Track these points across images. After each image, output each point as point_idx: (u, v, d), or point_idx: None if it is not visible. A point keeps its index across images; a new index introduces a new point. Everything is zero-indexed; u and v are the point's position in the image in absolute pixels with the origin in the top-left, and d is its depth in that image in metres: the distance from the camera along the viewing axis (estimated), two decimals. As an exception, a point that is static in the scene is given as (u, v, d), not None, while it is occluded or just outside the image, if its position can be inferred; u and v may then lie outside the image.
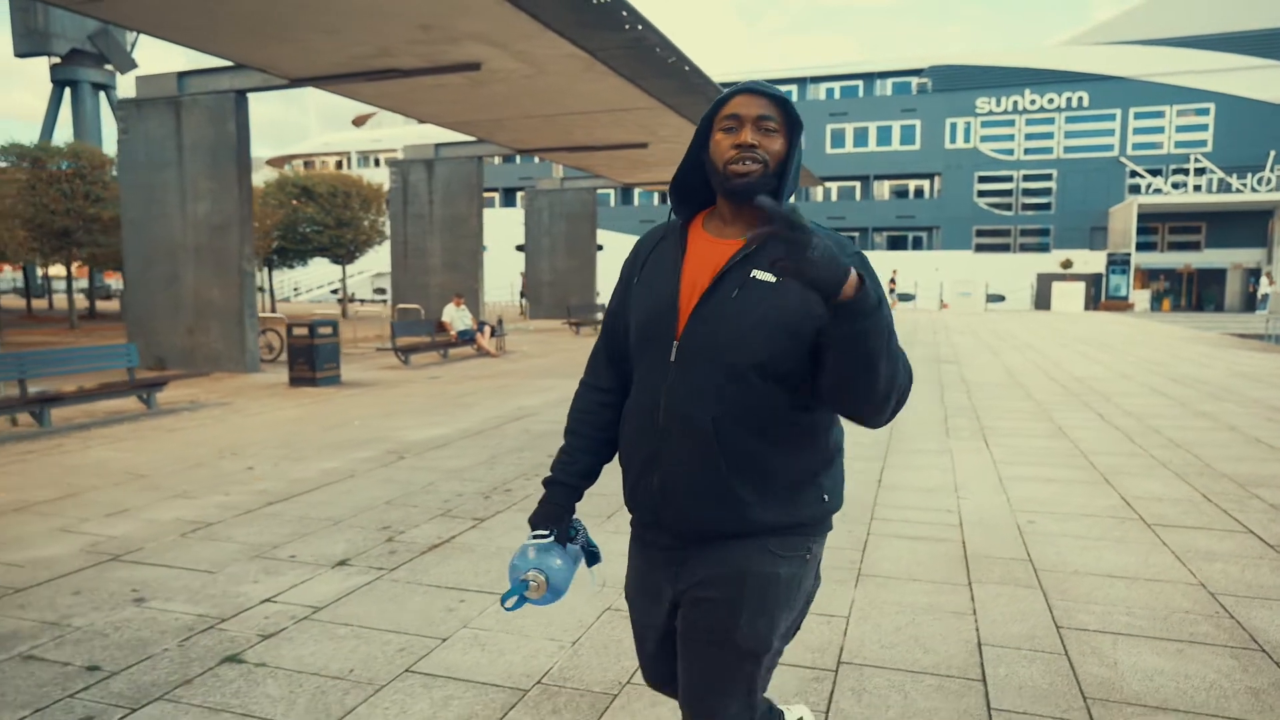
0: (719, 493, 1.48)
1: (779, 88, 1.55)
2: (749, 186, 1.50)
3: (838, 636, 3.30)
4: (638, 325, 1.60)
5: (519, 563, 1.66)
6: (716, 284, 1.50)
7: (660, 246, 1.64)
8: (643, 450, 1.55)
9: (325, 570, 4.08)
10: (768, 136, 1.51)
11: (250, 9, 9.20)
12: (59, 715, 2.71)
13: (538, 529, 1.69)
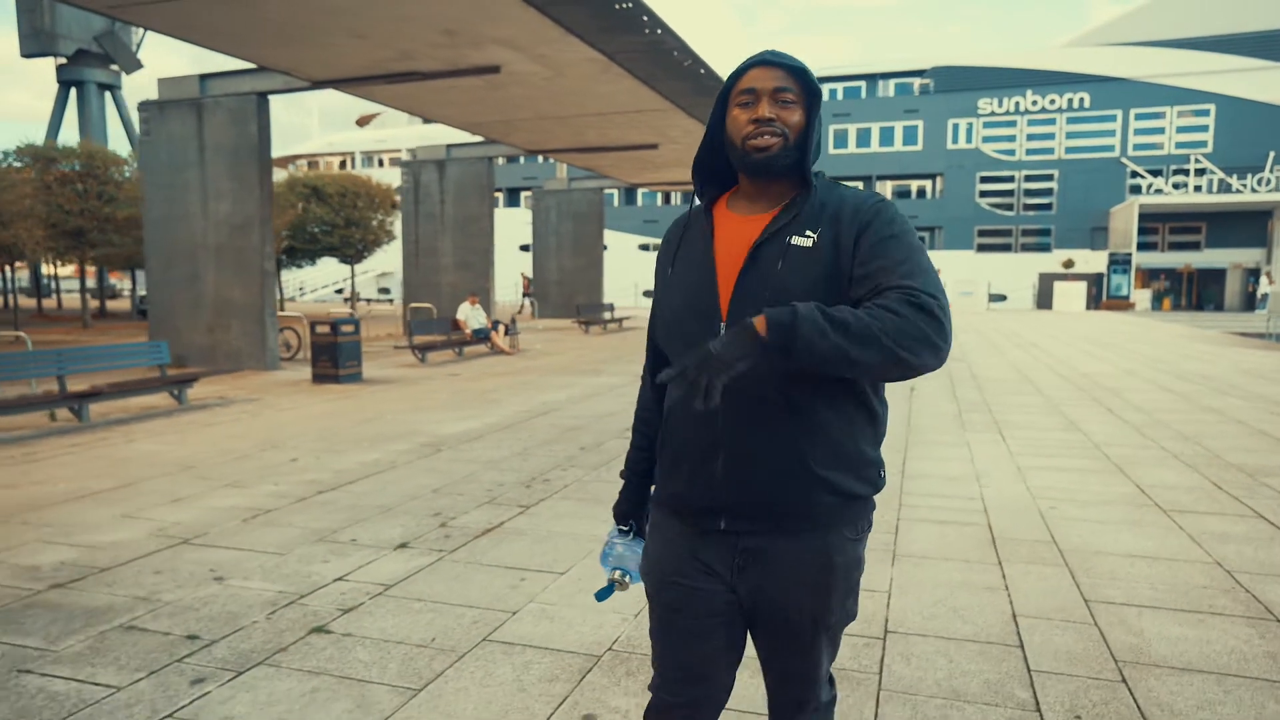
0: (792, 468, 1.46)
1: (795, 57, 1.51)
2: (769, 161, 1.47)
3: (881, 609, 3.54)
4: (675, 311, 1.57)
5: (606, 557, 1.76)
6: (754, 257, 1.47)
7: (688, 233, 1.61)
8: (702, 438, 1.50)
9: (388, 552, 4.31)
10: (786, 109, 1.47)
11: (285, 15, 9.44)
12: (173, 677, 2.94)
13: (619, 523, 1.77)
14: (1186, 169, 42.19)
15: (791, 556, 1.51)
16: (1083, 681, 2.88)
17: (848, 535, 1.54)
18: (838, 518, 1.51)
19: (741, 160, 1.50)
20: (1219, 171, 40.90)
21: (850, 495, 1.51)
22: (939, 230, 47.22)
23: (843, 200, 1.48)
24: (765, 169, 1.48)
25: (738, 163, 1.52)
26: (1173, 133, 42.77)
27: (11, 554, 4.26)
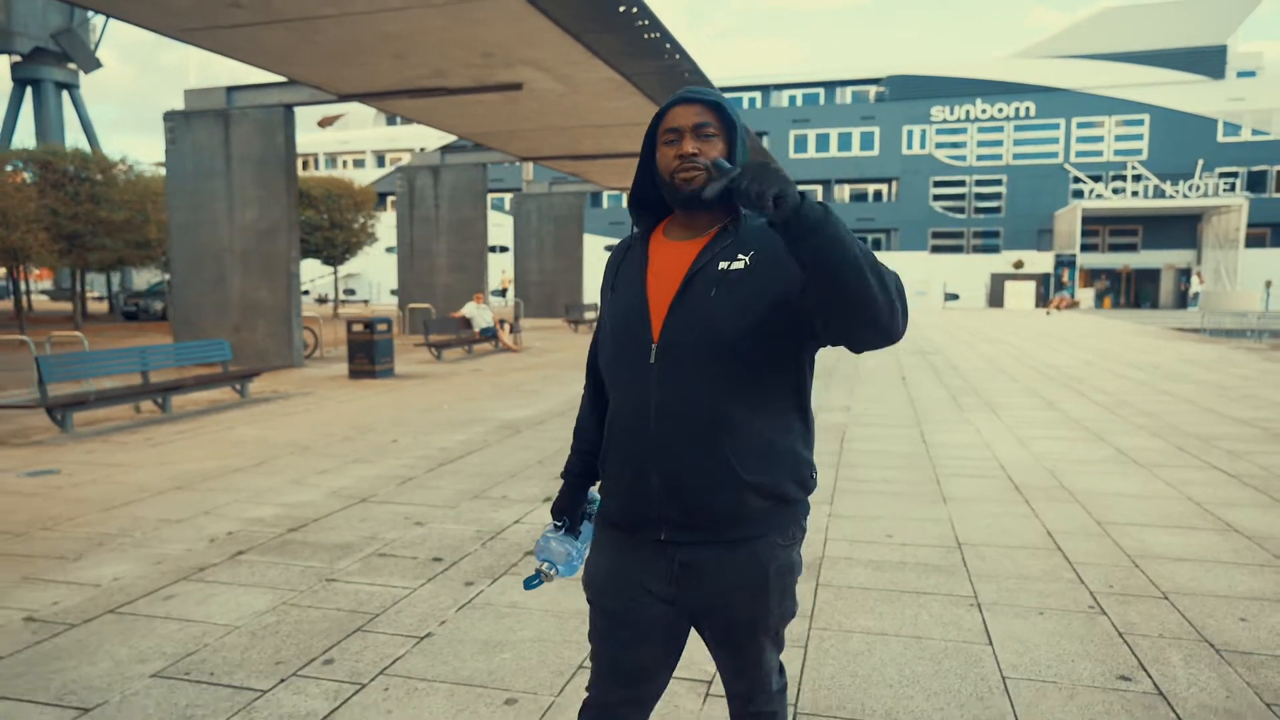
0: (722, 478, 1.53)
1: (718, 91, 1.63)
2: (697, 194, 1.54)
3: (949, 531, 4.66)
4: (612, 332, 1.66)
5: (539, 549, 1.82)
6: (688, 283, 1.55)
7: (627, 258, 1.70)
8: (636, 451, 1.59)
9: (539, 504, 5.29)
10: (707, 142, 1.55)
11: (338, 39, 10.26)
12: (446, 582, 3.90)
13: (554, 518, 1.83)
14: (1124, 175, 44.82)
15: (727, 566, 1.58)
16: (1108, 567, 4.04)
17: (779, 542, 1.61)
18: (769, 525, 1.59)
19: (671, 194, 1.58)
20: (1154, 178, 43.56)
21: (782, 499, 1.58)
22: (894, 232, 49.22)
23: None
24: (693, 201, 1.55)
25: (668, 196, 1.60)
26: (1111, 141, 45.36)
27: (229, 510, 5.14)
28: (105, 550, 4.39)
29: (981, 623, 3.42)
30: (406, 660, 3.08)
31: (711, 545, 1.57)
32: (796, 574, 1.67)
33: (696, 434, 1.53)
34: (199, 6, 9.09)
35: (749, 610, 1.61)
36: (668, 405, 1.54)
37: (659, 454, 1.55)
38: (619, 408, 1.63)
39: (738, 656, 1.68)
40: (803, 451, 1.61)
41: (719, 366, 1.52)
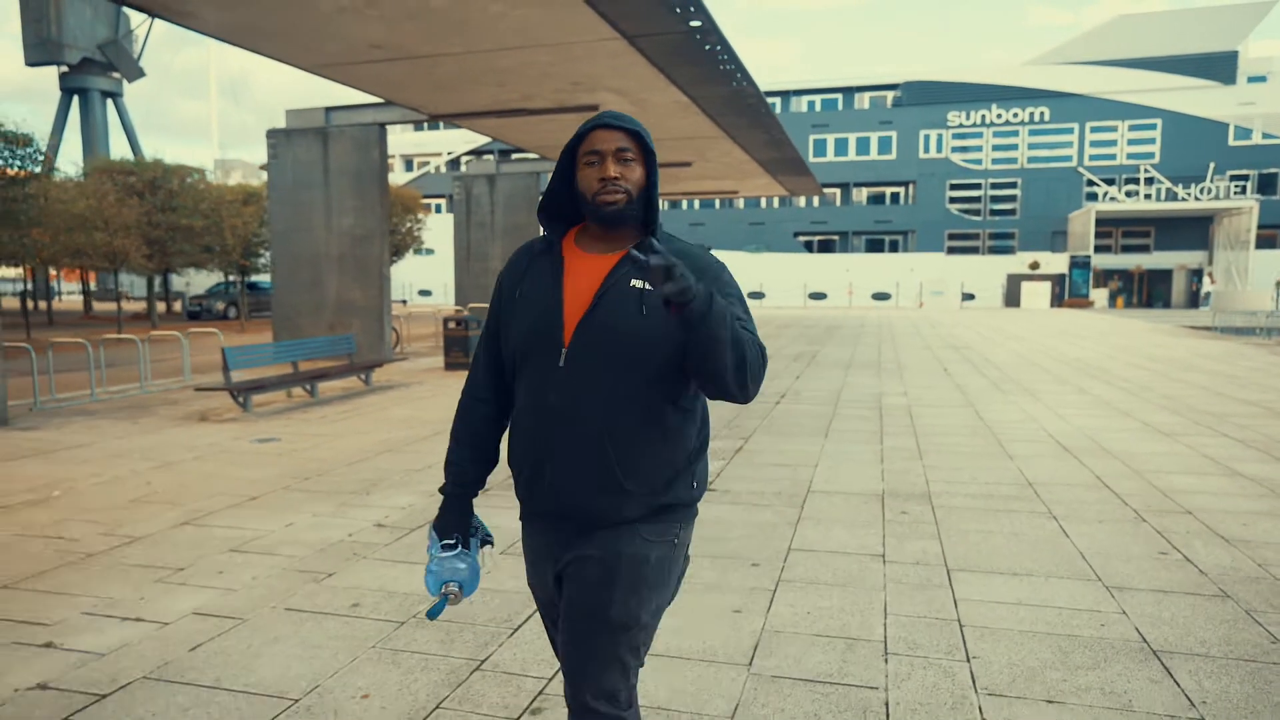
0: (605, 483, 1.62)
1: (636, 120, 1.72)
2: (618, 214, 1.66)
3: (1019, 475, 6.06)
4: (523, 335, 1.71)
5: (434, 573, 1.78)
6: (601, 295, 1.64)
7: (537, 262, 1.76)
8: (536, 449, 1.67)
9: (689, 459, 6.71)
10: (627, 166, 1.66)
11: (453, 73, 11.69)
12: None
13: (444, 538, 1.80)
14: (1137, 178, 46.00)
15: (584, 550, 1.67)
16: (1145, 496, 5.44)
17: (644, 535, 1.66)
18: (639, 518, 1.66)
19: (593, 213, 1.67)
20: (1166, 181, 44.74)
21: (660, 506, 1.66)
22: (911, 234, 50.49)
23: (685, 253, 1.69)
24: (614, 220, 1.66)
25: (590, 214, 1.69)
26: (1124, 145, 46.55)
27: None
28: (386, 488, 5.84)
29: (1059, 526, 4.83)
30: (669, 544, 4.52)
31: (584, 533, 1.68)
32: (655, 576, 1.68)
33: (587, 439, 1.62)
34: (345, 49, 10.54)
35: (592, 593, 1.65)
36: (565, 409, 1.63)
37: (552, 453, 1.65)
38: (524, 405, 1.71)
39: (571, 647, 1.69)
40: (689, 463, 1.70)
41: (620, 377, 1.61)
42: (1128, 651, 3.21)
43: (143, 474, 6.36)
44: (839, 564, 4.23)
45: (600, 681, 1.66)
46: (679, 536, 1.72)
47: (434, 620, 1.80)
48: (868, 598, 3.77)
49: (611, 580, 1.64)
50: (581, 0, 8.76)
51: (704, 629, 3.44)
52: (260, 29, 9.81)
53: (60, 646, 3.34)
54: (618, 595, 1.64)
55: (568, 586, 1.70)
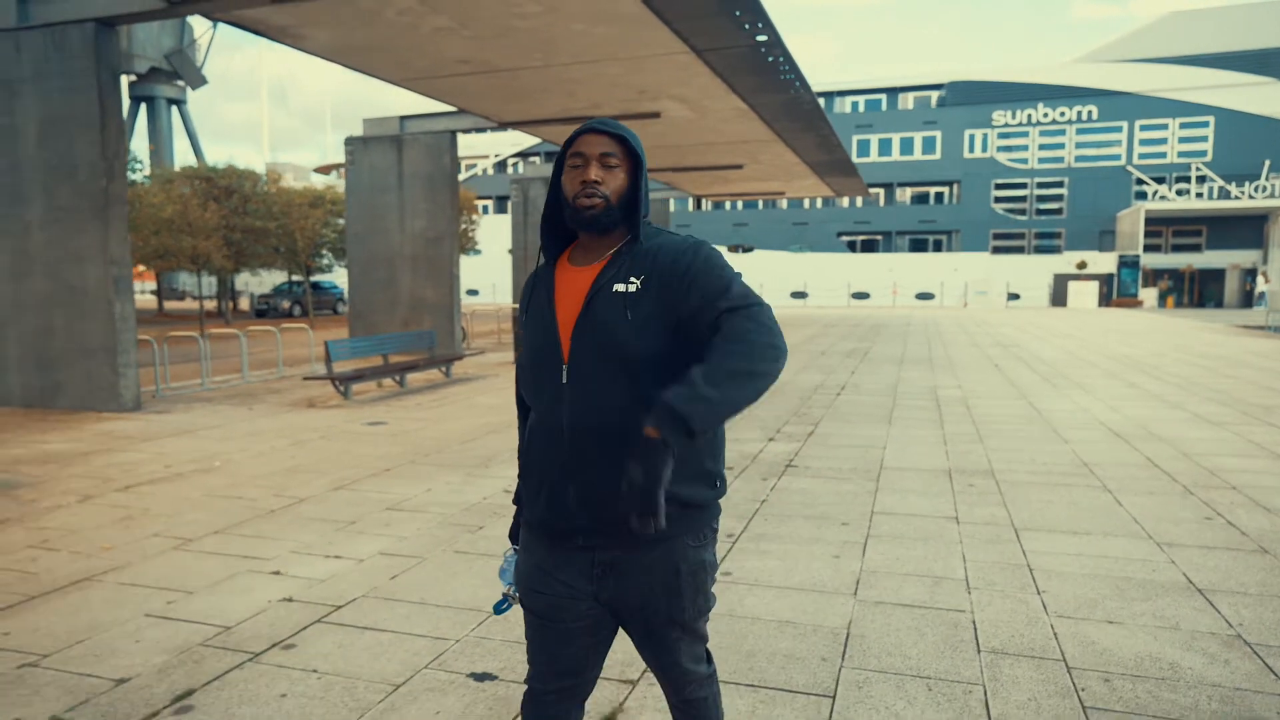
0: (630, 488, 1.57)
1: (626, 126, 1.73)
2: (594, 219, 1.67)
3: (1075, 456, 6.61)
4: (528, 356, 1.77)
5: (504, 574, 1.91)
6: (587, 306, 1.66)
7: (538, 285, 1.80)
8: (553, 466, 1.70)
9: (771, 441, 7.35)
10: (610, 172, 1.67)
11: (529, 85, 12.48)
12: (746, 479, 5.98)
13: (514, 543, 1.92)
14: (1188, 176, 45.45)
15: (642, 566, 1.71)
16: (1193, 474, 5.97)
17: (690, 543, 1.73)
18: (680, 528, 1.69)
19: (572, 217, 1.70)
20: (1218, 179, 44.15)
21: (689, 504, 1.70)
22: (956, 233, 50.41)
23: (662, 247, 1.68)
24: (591, 225, 1.68)
25: (569, 218, 1.72)
26: (1175, 143, 46.01)
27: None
28: (500, 462, 6.59)
29: (1113, 498, 5.39)
30: (766, 511, 5.18)
31: (630, 548, 1.69)
32: (710, 571, 1.78)
33: (605, 449, 1.63)
34: (433, 65, 11.38)
35: (665, 607, 1.73)
36: (579, 423, 1.65)
37: (573, 469, 1.67)
38: (535, 426, 1.75)
39: (660, 650, 1.80)
40: (707, 462, 1.71)
41: (622, 383, 1.63)
42: (1175, 589, 3.80)
43: (282, 450, 7.20)
44: (918, 524, 4.86)
45: (694, 658, 1.84)
46: (714, 528, 1.79)
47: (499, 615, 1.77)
48: (947, 549, 4.40)
49: (680, 592, 1.72)
50: (658, 19, 9.45)
51: (810, 570, 4.10)
52: (361, 48, 10.67)
53: (286, 574, 4.11)
54: (688, 602, 1.74)
55: (633, 613, 1.75)
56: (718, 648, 3.18)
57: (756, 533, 4.71)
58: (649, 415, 1.46)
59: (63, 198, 9.35)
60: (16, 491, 5.80)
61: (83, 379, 9.51)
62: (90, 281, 9.33)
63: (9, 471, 6.40)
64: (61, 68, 9.16)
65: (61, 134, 9.27)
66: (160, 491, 5.76)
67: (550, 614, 1.77)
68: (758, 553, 4.36)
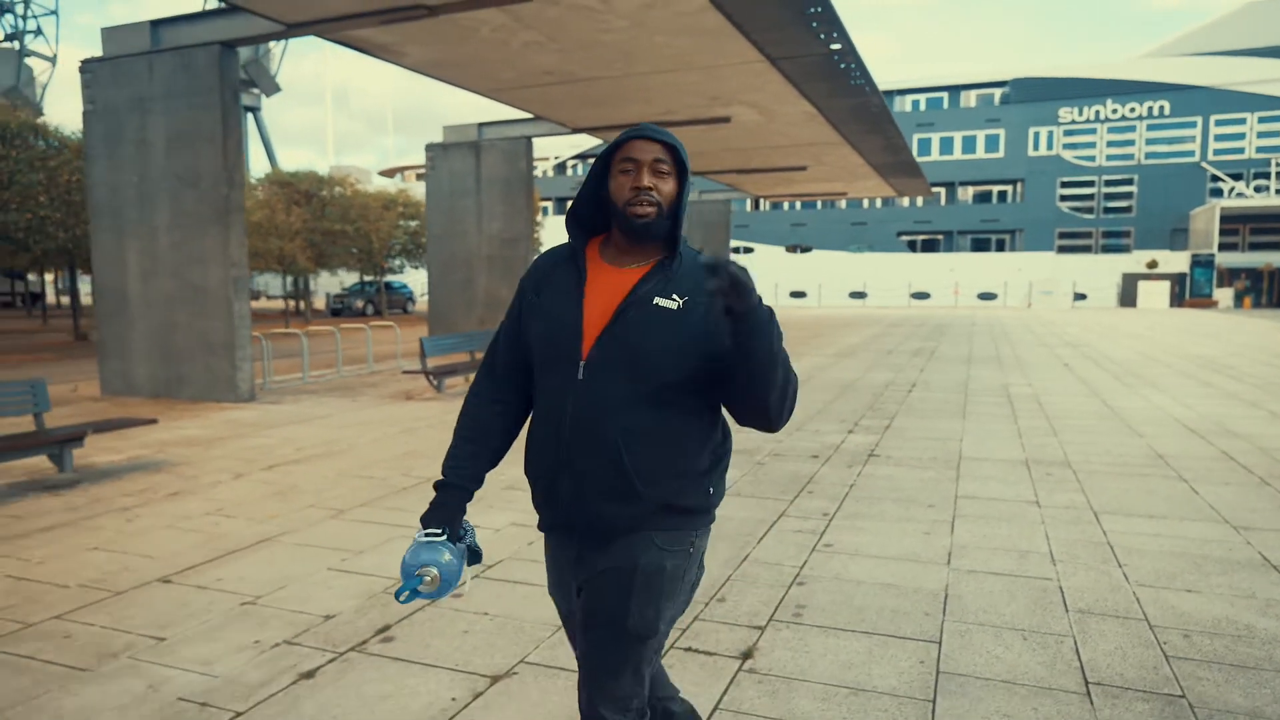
0: (623, 493, 1.64)
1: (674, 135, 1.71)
2: (649, 226, 1.66)
3: (1150, 450, 6.85)
4: (542, 343, 1.72)
5: (411, 559, 1.71)
6: (622, 311, 1.65)
7: (559, 270, 1.76)
8: (552, 458, 1.69)
9: (850, 433, 7.74)
10: (662, 179, 1.67)
11: (607, 94, 13.02)
12: (836, 464, 6.39)
13: (429, 527, 1.75)
14: (1268, 172, 43.98)
15: (602, 561, 1.70)
16: (1272, 468, 6.18)
17: (656, 542, 1.68)
18: (647, 523, 1.68)
19: (623, 222, 1.68)
20: (1299, 175, 42.63)
21: (675, 509, 1.68)
22: (1019, 233, 49.61)
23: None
24: (644, 233, 1.67)
25: (619, 223, 1.70)
26: (1253, 138, 44.56)
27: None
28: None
29: (1189, 487, 5.66)
30: (855, 493, 5.60)
31: (601, 541, 1.70)
32: (669, 586, 1.70)
33: (602, 449, 1.63)
34: (518, 76, 12.00)
35: (608, 601, 1.68)
36: (581, 420, 1.64)
37: (569, 463, 1.66)
38: (540, 415, 1.74)
39: (587, 655, 1.73)
40: (706, 471, 1.71)
41: (636, 393, 1.62)
42: (1252, 566, 4.11)
43: (394, 437, 7.83)
44: (1000, 507, 5.21)
45: (615, 690, 1.70)
46: (694, 545, 1.73)
47: (400, 601, 1.68)
48: (1030, 528, 4.76)
49: (628, 590, 1.67)
50: (736, 31, 9.89)
51: (904, 543, 4.50)
52: (453, 63, 11.34)
53: (435, 538, 4.68)
54: (634, 606, 1.67)
55: (585, 596, 1.73)
56: (827, 605, 3.63)
57: (849, 512, 5.13)
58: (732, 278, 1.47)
59: (187, 205, 10.19)
60: (177, 469, 6.52)
61: (203, 371, 10.34)
62: (212, 282, 10.16)
63: (163, 453, 7.16)
64: (188, 86, 10.00)
65: (187, 147, 10.11)
66: (299, 471, 6.42)
67: (568, 615, 1.83)
68: (853, 529, 4.78)
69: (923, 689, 2.89)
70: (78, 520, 5.07)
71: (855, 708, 2.77)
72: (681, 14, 9.17)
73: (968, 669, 3.03)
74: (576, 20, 9.48)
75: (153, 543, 4.62)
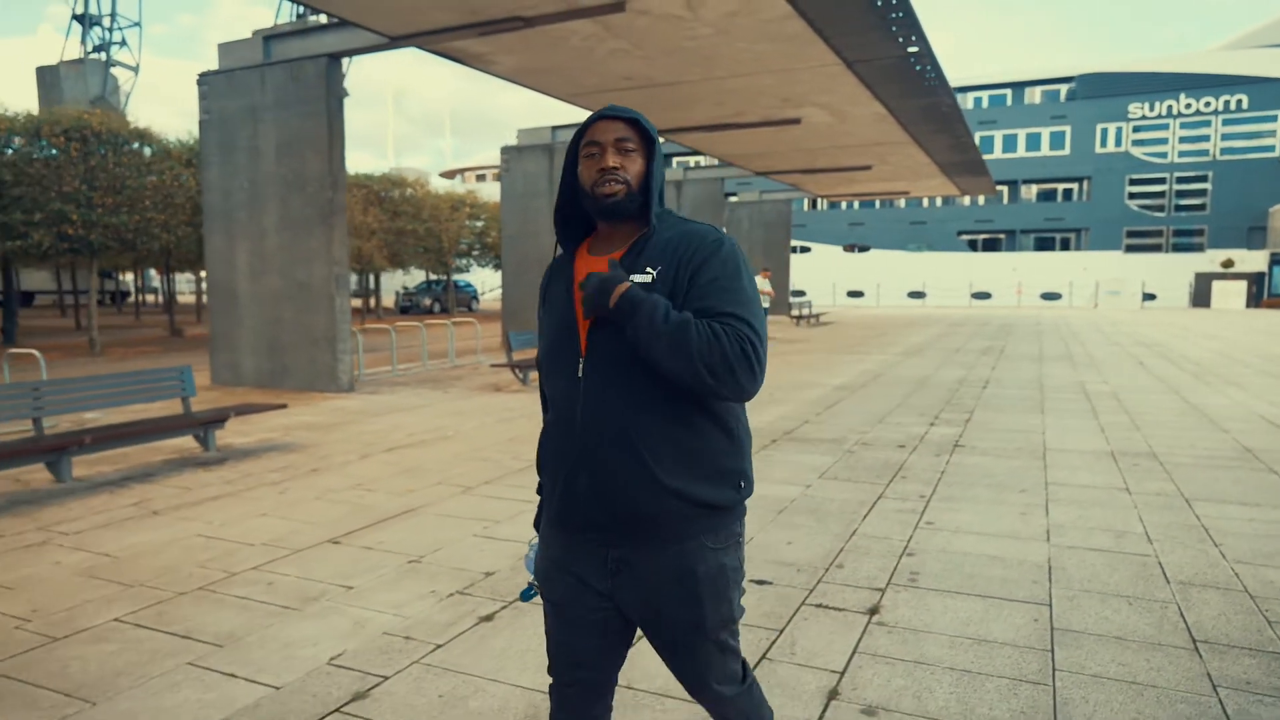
0: (644, 483, 1.61)
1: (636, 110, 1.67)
2: (616, 206, 1.64)
3: (1236, 444, 6.96)
4: (546, 349, 1.77)
5: (528, 562, 1.91)
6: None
7: (558, 273, 1.78)
8: (568, 458, 1.68)
9: (930, 424, 7.98)
10: (627, 157, 1.64)
11: (685, 94, 13.40)
12: (923, 451, 6.67)
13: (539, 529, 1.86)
14: (1352, 168, 42.33)
15: (654, 566, 1.66)
16: (1361, 462, 6.28)
17: (709, 544, 1.67)
18: (695, 527, 1.65)
19: (593, 206, 1.67)
20: (1387, 170, 40.94)
21: (704, 505, 1.65)
22: (1085, 231, 48.56)
23: (684, 235, 1.66)
24: (613, 213, 1.65)
25: (590, 208, 1.68)
26: (1337, 132, 42.91)
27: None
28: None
29: (1277, 480, 5.81)
30: (947, 479, 5.88)
31: (638, 544, 1.66)
32: (732, 579, 1.72)
33: (617, 442, 1.61)
34: (600, 81, 12.46)
35: (682, 612, 1.67)
36: (592, 415, 1.63)
37: (585, 461, 1.64)
38: (553, 417, 1.74)
39: (679, 659, 1.73)
40: (727, 461, 1.68)
41: (637, 378, 1.60)
42: (1346, 548, 4.30)
43: (493, 425, 8.33)
44: (1091, 493, 5.45)
45: (721, 676, 1.76)
46: (739, 536, 1.75)
47: (525, 600, 1.84)
48: (1123, 512, 4.99)
49: (699, 598, 1.67)
50: (817, 36, 10.18)
51: (1002, 523, 4.79)
52: (540, 70, 11.85)
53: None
54: (709, 609, 1.68)
55: (652, 614, 1.71)
56: (939, 572, 3.95)
57: (945, 495, 5.42)
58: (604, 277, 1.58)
59: (294, 207, 10.88)
60: (306, 450, 7.11)
61: (306, 363, 11.02)
62: (316, 279, 10.83)
63: (289, 436, 7.77)
64: (297, 96, 10.68)
65: (295, 153, 10.80)
66: (417, 453, 6.94)
67: (563, 602, 1.76)
68: (951, 510, 5.07)
69: (1040, 641, 3.20)
70: (237, 492, 5.64)
71: (980, 654, 3.10)
72: (766, 21, 9.50)
73: (1080, 627, 3.34)
74: (664, 29, 9.88)
75: (310, 511, 5.15)
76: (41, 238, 14.93)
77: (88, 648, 3.21)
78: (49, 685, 2.91)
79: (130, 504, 5.33)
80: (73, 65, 44.56)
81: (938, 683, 2.88)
